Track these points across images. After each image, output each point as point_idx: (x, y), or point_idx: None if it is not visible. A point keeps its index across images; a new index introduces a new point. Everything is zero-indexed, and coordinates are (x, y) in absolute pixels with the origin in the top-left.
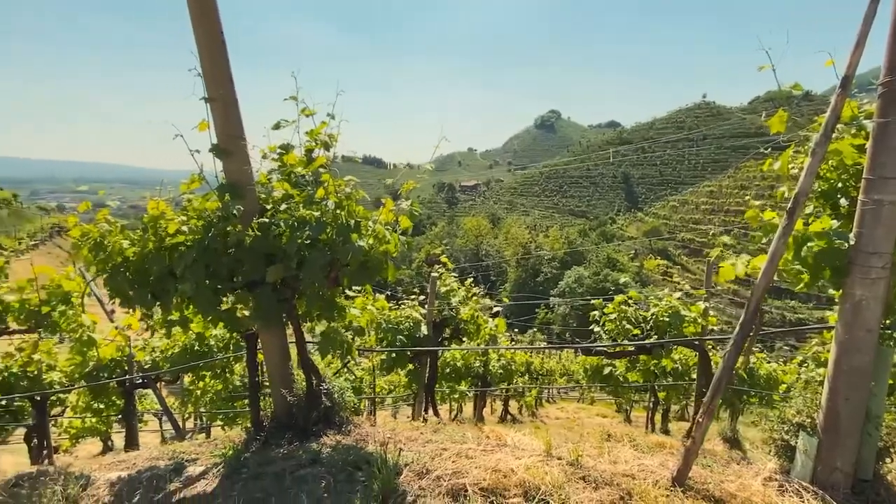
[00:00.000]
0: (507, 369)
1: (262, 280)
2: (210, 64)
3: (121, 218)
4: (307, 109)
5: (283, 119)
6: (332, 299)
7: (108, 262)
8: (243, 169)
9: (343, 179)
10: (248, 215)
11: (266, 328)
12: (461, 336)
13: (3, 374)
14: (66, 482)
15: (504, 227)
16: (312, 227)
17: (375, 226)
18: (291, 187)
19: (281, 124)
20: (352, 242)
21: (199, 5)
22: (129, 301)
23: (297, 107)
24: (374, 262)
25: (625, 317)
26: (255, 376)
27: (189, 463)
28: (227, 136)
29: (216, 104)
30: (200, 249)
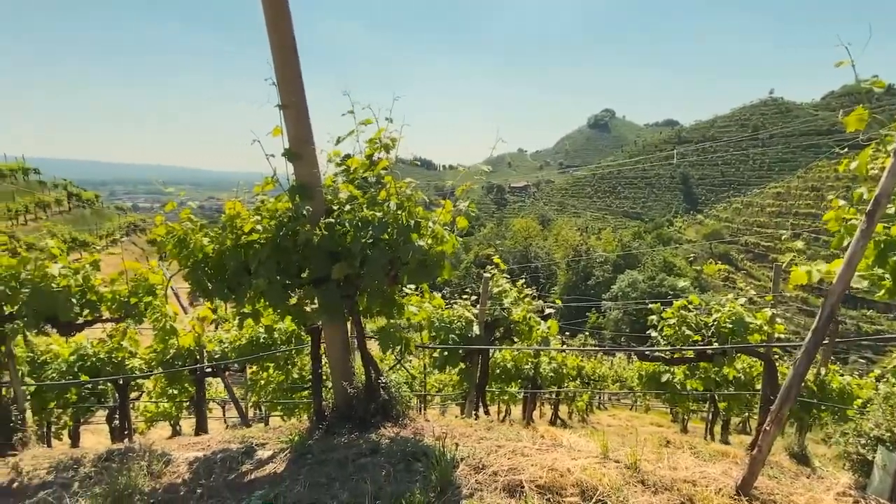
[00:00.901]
0: (558, 373)
1: (327, 277)
2: (284, 73)
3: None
4: (367, 119)
5: (341, 135)
6: (391, 296)
7: (190, 258)
8: (312, 172)
9: (404, 181)
10: (315, 215)
11: (330, 322)
12: (513, 337)
13: (91, 358)
14: (151, 459)
15: (554, 229)
16: (375, 227)
17: (434, 226)
18: (355, 189)
19: (342, 138)
20: (412, 242)
21: (274, 19)
22: (207, 294)
23: (354, 120)
24: (432, 261)
25: (684, 322)
26: (319, 368)
27: (258, 447)
28: (298, 141)
29: (289, 111)
30: (273, 247)
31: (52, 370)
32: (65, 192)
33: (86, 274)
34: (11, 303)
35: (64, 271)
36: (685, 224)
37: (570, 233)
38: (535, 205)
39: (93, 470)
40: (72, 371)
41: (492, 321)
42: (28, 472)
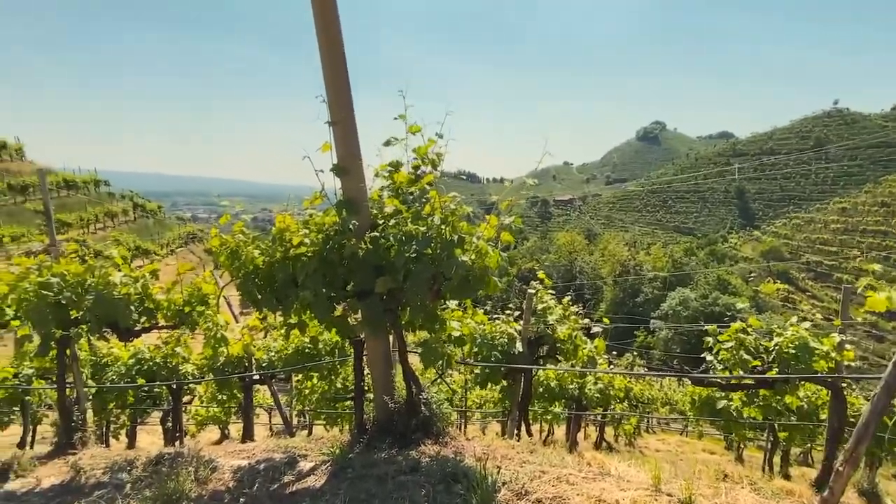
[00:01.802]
0: (605, 394)
1: (371, 290)
2: (334, 91)
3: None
4: (414, 126)
5: (394, 137)
6: (434, 311)
7: (242, 270)
8: (359, 186)
9: (448, 196)
10: (361, 229)
11: (372, 335)
12: (557, 355)
13: (148, 363)
14: (198, 465)
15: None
16: (419, 241)
17: (478, 241)
18: (400, 203)
19: (391, 141)
20: (455, 257)
21: (327, 38)
22: (257, 304)
23: (405, 125)
24: (476, 276)
25: (742, 346)
26: (361, 381)
27: (300, 458)
28: (346, 156)
29: (337, 127)
30: (319, 260)
31: (113, 372)
32: (131, 203)
33: (144, 283)
34: (77, 308)
35: (125, 279)
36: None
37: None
38: (580, 218)
39: (144, 473)
40: (130, 374)
41: (535, 338)
42: (86, 472)
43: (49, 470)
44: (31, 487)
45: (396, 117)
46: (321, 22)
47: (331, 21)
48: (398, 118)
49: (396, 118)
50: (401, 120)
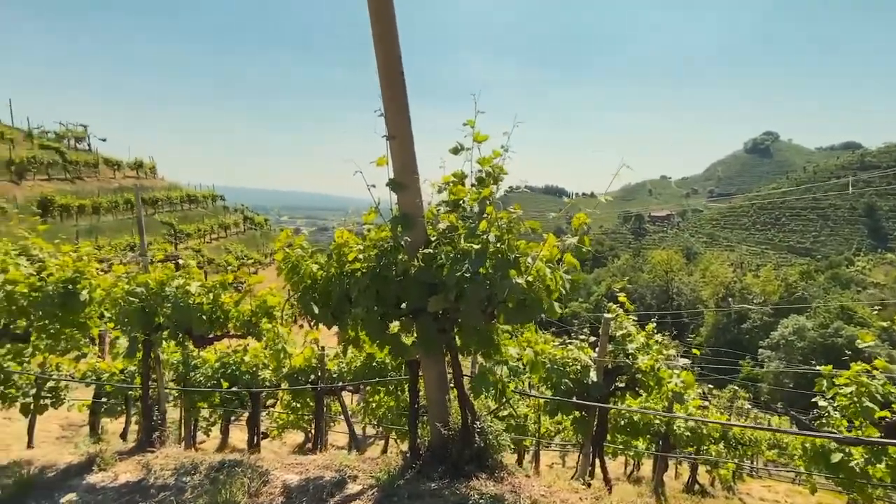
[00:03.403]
0: (697, 433)
1: (424, 309)
2: (391, 105)
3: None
4: (479, 134)
5: (460, 143)
6: (488, 335)
7: (301, 284)
8: (415, 202)
9: (506, 211)
10: (415, 246)
11: (426, 357)
12: (637, 388)
13: (231, 367)
14: (252, 476)
15: (701, 263)
16: (472, 260)
17: (536, 262)
18: (458, 219)
19: (458, 149)
20: (509, 278)
21: (384, 53)
22: (315, 319)
23: (472, 131)
24: (533, 300)
25: (866, 392)
26: (416, 403)
27: (350, 480)
28: (403, 171)
29: (394, 141)
30: (372, 276)
31: (200, 374)
32: (241, 216)
33: (216, 293)
34: (159, 314)
35: (199, 289)
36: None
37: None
38: (679, 236)
39: (205, 479)
40: (215, 376)
41: (613, 368)
42: (155, 472)
43: (126, 466)
44: (108, 482)
45: (465, 122)
46: (378, 37)
47: (388, 36)
48: (466, 124)
49: (465, 123)
50: (469, 126)
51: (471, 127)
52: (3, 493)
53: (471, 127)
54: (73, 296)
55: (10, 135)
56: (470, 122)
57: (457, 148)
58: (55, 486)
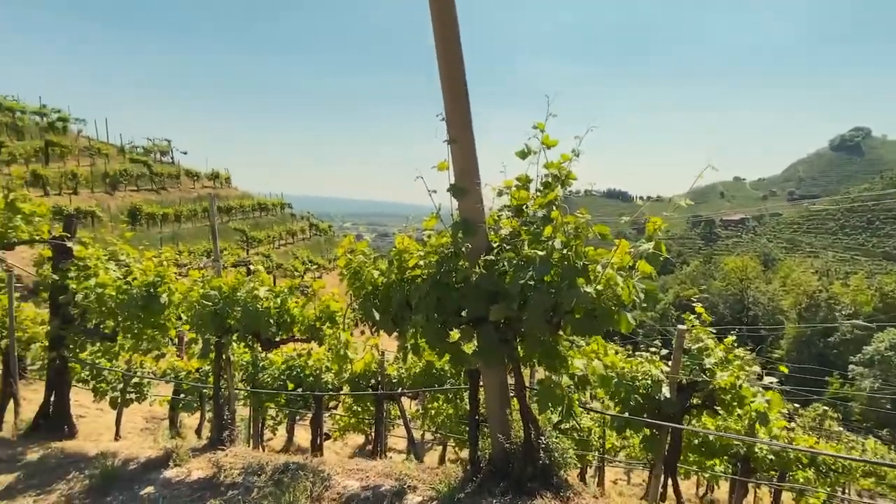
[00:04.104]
0: (782, 457)
1: (485, 318)
2: (453, 108)
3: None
4: (548, 138)
5: (527, 145)
6: (553, 346)
7: (362, 290)
8: (476, 207)
9: (573, 216)
10: (476, 252)
11: (487, 367)
12: (715, 406)
13: (296, 369)
14: (315, 480)
15: (781, 271)
16: (536, 267)
17: (606, 270)
18: (520, 225)
19: (525, 152)
20: (577, 287)
21: (446, 56)
22: (375, 325)
23: (537, 133)
24: (603, 311)
25: None
26: (476, 414)
27: (409, 490)
28: (464, 175)
29: (455, 146)
30: (433, 283)
31: (268, 375)
32: (307, 223)
33: (283, 297)
34: (231, 318)
35: (267, 294)
36: None
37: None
38: (755, 241)
39: (270, 480)
40: (281, 378)
41: (688, 384)
42: (225, 470)
43: (199, 463)
44: (182, 478)
45: (534, 126)
46: (440, 39)
47: (450, 37)
48: (535, 128)
49: (534, 127)
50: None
51: (540, 130)
52: (92, 483)
53: (540, 130)
54: (154, 299)
55: (106, 150)
56: (540, 125)
57: (524, 151)
58: (136, 478)
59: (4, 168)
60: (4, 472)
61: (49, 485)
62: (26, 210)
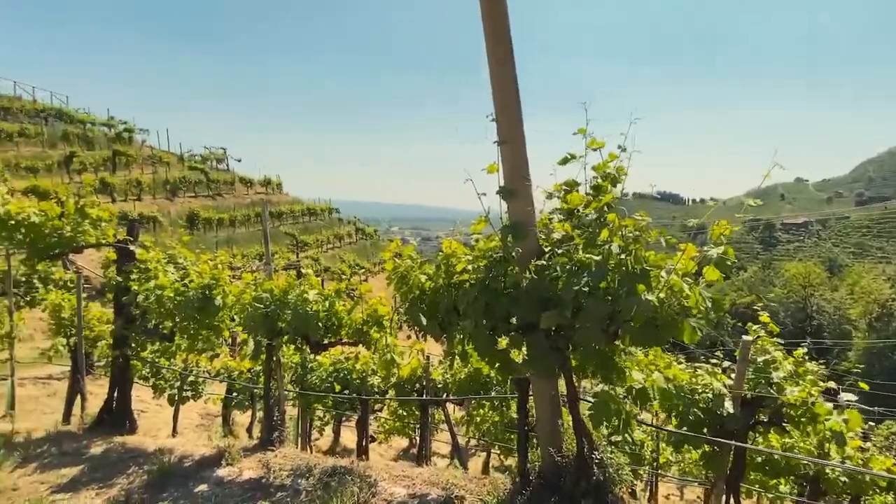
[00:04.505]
0: (857, 479)
1: (536, 325)
2: (503, 108)
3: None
4: (595, 141)
5: (570, 153)
6: (609, 357)
7: (409, 294)
8: (526, 210)
9: (631, 218)
10: (526, 257)
11: (537, 376)
12: (783, 424)
13: (343, 371)
14: (362, 485)
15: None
16: (591, 273)
17: (670, 276)
18: (573, 228)
19: (569, 158)
20: (637, 295)
21: (496, 54)
22: (422, 330)
23: (584, 140)
24: (666, 320)
25: None
26: (525, 425)
27: (457, 500)
28: (514, 177)
29: (505, 146)
30: (481, 288)
31: (316, 376)
32: (354, 227)
33: (332, 301)
34: (281, 320)
35: (316, 297)
36: None
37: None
38: (819, 245)
39: (318, 483)
40: (329, 380)
41: (753, 399)
42: (274, 471)
43: (250, 463)
44: (234, 477)
45: (576, 132)
46: (491, 36)
47: (501, 35)
48: (577, 133)
49: (575, 133)
50: (580, 135)
51: (582, 135)
52: (149, 478)
53: (582, 135)
54: (209, 301)
55: (167, 159)
56: (581, 130)
57: (566, 158)
58: (190, 475)
59: (76, 176)
60: (70, 465)
61: (110, 479)
62: (94, 215)
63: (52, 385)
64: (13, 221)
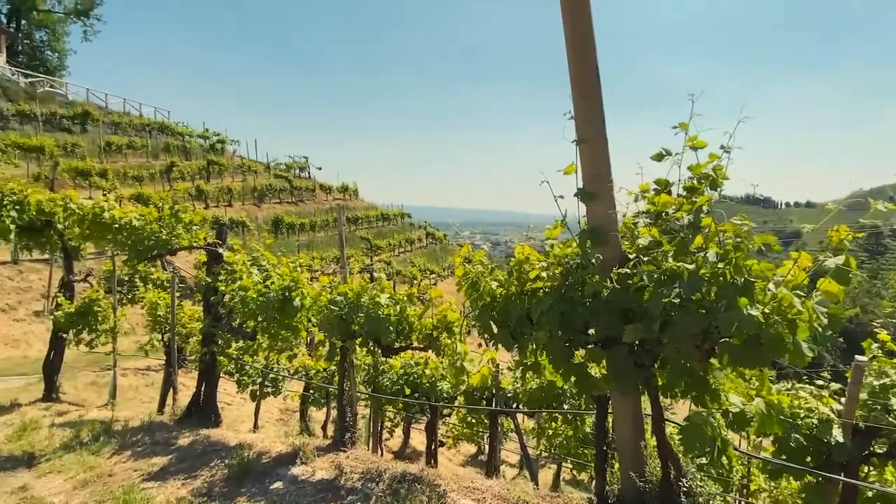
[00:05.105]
0: None
1: (618, 338)
2: (583, 104)
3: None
4: (695, 139)
5: (665, 149)
6: (703, 377)
7: (480, 301)
8: (607, 213)
9: (730, 223)
10: (607, 264)
11: (618, 393)
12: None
13: (412, 376)
14: (430, 496)
15: None
16: (683, 283)
17: (778, 289)
18: (661, 234)
19: (664, 154)
20: (738, 309)
21: (575, 43)
22: (493, 338)
23: (685, 136)
24: (771, 338)
25: None
26: (603, 445)
27: None
28: (594, 178)
29: (584, 145)
30: (556, 297)
31: (387, 378)
32: (424, 232)
33: (403, 305)
34: (354, 323)
35: (388, 301)
36: None
37: None
38: None
39: (388, 489)
40: (399, 383)
41: (867, 428)
42: (346, 474)
43: (322, 463)
44: (307, 476)
45: (675, 126)
46: (568, 20)
47: (579, 19)
48: (677, 127)
49: (675, 127)
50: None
51: (684, 130)
52: (230, 472)
53: (684, 130)
54: (288, 302)
55: (255, 167)
56: (683, 125)
57: (660, 154)
58: (267, 472)
59: (175, 184)
60: (161, 454)
61: (195, 470)
62: (186, 219)
63: (150, 376)
64: (117, 225)
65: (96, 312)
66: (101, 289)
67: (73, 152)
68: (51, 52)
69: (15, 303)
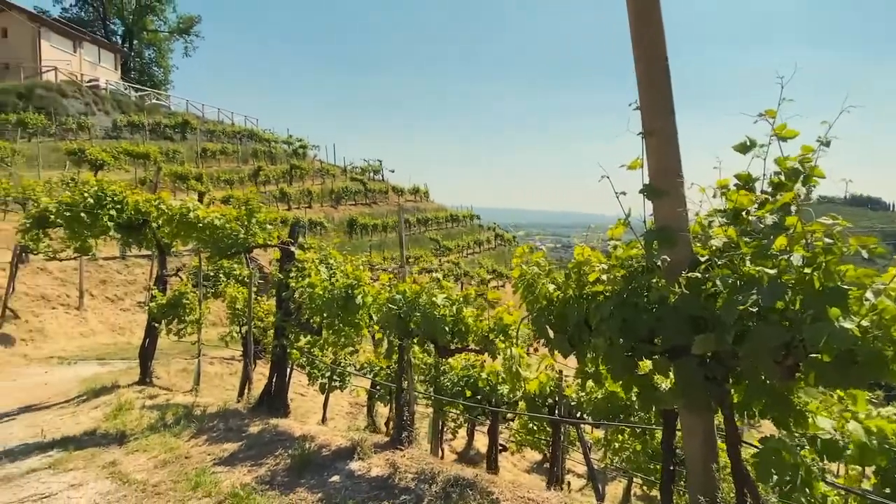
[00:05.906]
0: None
1: (687, 349)
2: (650, 93)
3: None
4: (785, 127)
5: (749, 137)
6: (786, 396)
7: (536, 304)
8: (677, 212)
9: (819, 222)
10: (676, 267)
11: (687, 409)
12: None
13: (471, 378)
14: (482, 502)
15: None
16: (762, 289)
17: (878, 298)
18: (738, 235)
19: (748, 145)
20: (828, 320)
21: (640, 29)
22: (550, 344)
23: (772, 124)
24: (869, 355)
25: None
26: (671, 464)
27: None
28: (662, 174)
29: (651, 139)
30: (618, 302)
31: (447, 379)
32: (493, 233)
33: (459, 306)
34: (412, 322)
35: (444, 301)
36: None
37: None
38: None
39: (440, 491)
40: (459, 384)
41: None
42: (400, 472)
43: (378, 460)
44: (363, 472)
45: (762, 113)
46: (634, 7)
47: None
48: (762, 115)
49: (761, 114)
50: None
51: (770, 118)
52: (292, 462)
53: (770, 118)
54: (351, 299)
55: (332, 171)
56: (770, 112)
57: (744, 144)
58: (326, 464)
59: (262, 187)
60: (232, 441)
61: (261, 458)
62: (260, 219)
63: (234, 365)
64: (201, 224)
65: (185, 304)
66: (188, 283)
67: (173, 158)
68: (157, 67)
69: (122, 294)
